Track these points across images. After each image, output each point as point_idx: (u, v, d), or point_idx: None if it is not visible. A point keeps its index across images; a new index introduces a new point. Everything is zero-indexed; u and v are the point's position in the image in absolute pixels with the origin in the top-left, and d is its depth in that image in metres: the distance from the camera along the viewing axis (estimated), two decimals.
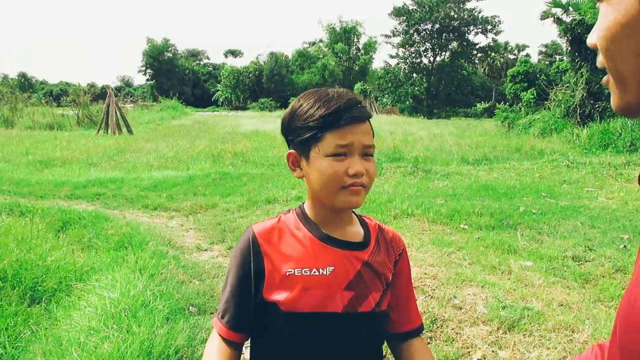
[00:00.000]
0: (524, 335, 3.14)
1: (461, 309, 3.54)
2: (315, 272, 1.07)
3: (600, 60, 0.67)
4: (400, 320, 1.21)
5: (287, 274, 1.08)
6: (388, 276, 1.16)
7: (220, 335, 1.14)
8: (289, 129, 1.11)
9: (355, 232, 1.16)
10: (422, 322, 1.27)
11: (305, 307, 1.07)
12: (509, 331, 3.20)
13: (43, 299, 3.59)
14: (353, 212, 1.22)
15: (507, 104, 26.07)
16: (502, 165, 11.22)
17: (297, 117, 1.08)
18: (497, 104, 28.85)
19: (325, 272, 1.08)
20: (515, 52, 57.68)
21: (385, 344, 1.28)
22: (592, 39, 0.67)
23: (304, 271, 1.07)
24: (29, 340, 3.04)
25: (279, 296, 1.08)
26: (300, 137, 1.08)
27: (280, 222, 1.16)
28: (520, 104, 23.02)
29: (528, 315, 3.36)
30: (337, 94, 1.07)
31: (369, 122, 1.10)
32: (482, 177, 9.61)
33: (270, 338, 1.14)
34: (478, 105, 42.50)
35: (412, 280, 3.79)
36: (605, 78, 0.68)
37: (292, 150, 1.12)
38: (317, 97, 1.08)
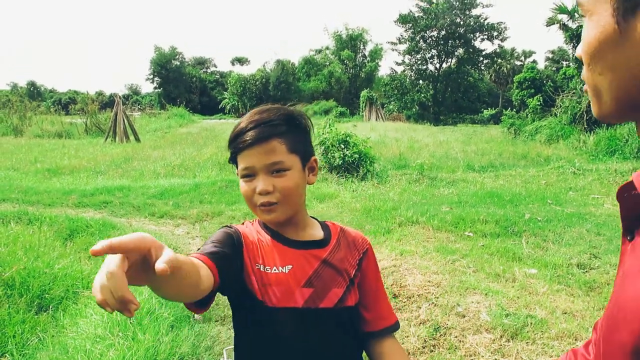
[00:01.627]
0: (527, 343, 3.15)
1: (464, 316, 3.55)
2: (275, 270, 1.14)
3: (582, 73, 0.70)
4: (374, 319, 1.26)
5: (256, 267, 1.14)
6: (351, 272, 1.21)
7: (193, 257, 0.98)
8: None
9: (314, 234, 1.23)
10: (397, 321, 1.30)
11: (268, 303, 1.12)
12: (512, 339, 3.21)
13: (50, 307, 3.63)
14: (315, 218, 1.29)
15: (514, 110, 25.99)
16: (508, 172, 11.22)
17: None
18: (504, 110, 28.78)
19: (284, 270, 1.14)
20: (522, 58, 57.64)
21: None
22: (578, 51, 0.70)
23: (266, 269, 1.14)
24: (36, 347, 3.08)
25: (248, 287, 1.13)
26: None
27: (246, 227, 1.23)
28: (526, 110, 22.95)
29: (531, 323, 3.37)
30: (248, 116, 1.14)
31: (281, 137, 1.12)
32: (488, 184, 9.61)
33: (248, 334, 1.19)
34: (485, 111, 42.45)
35: (416, 288, 3.78)
36: (585, 87, 0.71)
37: None
38: (238, 122, 1.15)
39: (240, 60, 68.24)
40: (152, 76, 64.44)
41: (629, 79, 0.62)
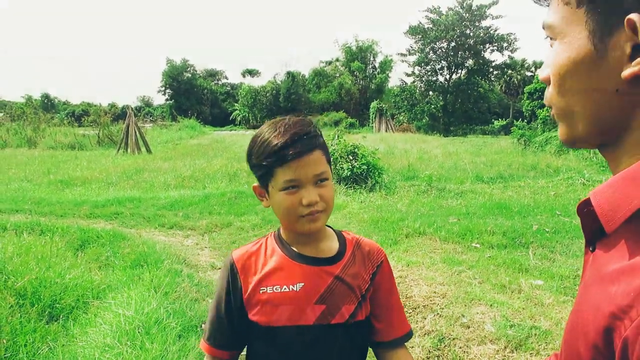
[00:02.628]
0: (530, 354, 3.16)
1: (469, 327, 3.56)
2: (285, 288, 1.16)
3: (548, 96, 0.72)
4: (384, 330, 1.26)
5: (261, 291, 1.17)
6: (363, 288, 1.22)
7: (210, 355, 1.29)
8: (250, 166, 1.20)
9: (329, 247, 1.24)
10: (410, 330, 1.31)
11: (279, 321, 1.15)
12: (516, 350, 3.22)
13: (61, 316, 3.70)
14: (330, 227, 1.30)
15: (525, 121, 25.91)
16: (516, 184, 11.19)
17: (252, 154, 1.17)
18: (514, 121, 28.68)
19: (295, 288, 1.16)
20: (533, 69, 57.39)
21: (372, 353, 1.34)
22: (544, 73, 0.72)
23: (275, 289, 1.16)
24: (47, 356, 3.14)
25: (256, 314, 1.17)
26: (257, 174, 1.18)
27: (257, 246, 1.25)
28: (537, 121, 22.86)
29: (536, 334, 3.37)
30: (284, 129, 1.11)
31: (320, 148, 1.14)
32: (496, 196, 9.58)
33: (259, 355, 1.22)
34: (495, 122, 42.24)
35: (422, 299, 3.81)
36: (552, 111, 0.72)
37: (256, 184, 1.21)
38: (267, 133, 1.13)
39: (251, 72, 68.74)
40: (164, 88, 65.14)
41: (604, 99, 0.63)
